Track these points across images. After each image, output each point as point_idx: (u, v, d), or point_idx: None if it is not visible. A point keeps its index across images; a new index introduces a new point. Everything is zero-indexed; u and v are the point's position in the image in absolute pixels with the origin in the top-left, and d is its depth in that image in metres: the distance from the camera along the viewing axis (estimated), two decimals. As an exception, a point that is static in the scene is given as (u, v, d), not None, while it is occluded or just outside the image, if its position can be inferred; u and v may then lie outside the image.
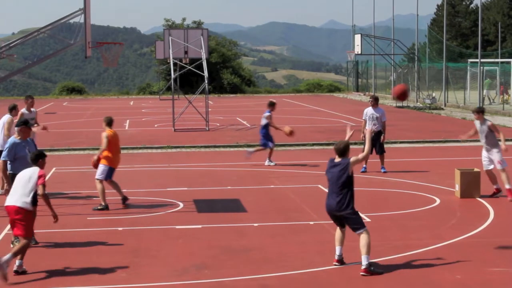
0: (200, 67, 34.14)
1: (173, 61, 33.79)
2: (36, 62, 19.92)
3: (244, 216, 14.52)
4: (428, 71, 53.04)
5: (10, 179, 12.29)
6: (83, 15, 16.37)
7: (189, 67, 35.69)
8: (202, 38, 33.27)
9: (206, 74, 31.97)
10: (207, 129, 31.45)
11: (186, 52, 33.70)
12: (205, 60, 32.64)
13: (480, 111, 16.74)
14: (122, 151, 24.98)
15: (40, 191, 10.87)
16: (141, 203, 15.84)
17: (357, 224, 10.91)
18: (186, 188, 17.63)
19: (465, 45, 78.78)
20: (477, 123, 16.69)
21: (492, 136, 16.49)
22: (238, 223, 13.91)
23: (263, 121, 21.62)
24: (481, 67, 42.50)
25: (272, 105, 22.07)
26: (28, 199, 10.81)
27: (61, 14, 20.24)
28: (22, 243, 10.72)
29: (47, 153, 24.04)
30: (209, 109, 33.51)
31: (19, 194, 10.87)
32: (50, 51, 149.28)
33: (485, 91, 46.05)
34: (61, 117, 39.35)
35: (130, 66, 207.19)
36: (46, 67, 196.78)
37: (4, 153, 12.62)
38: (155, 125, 34.09)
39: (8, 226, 13.75)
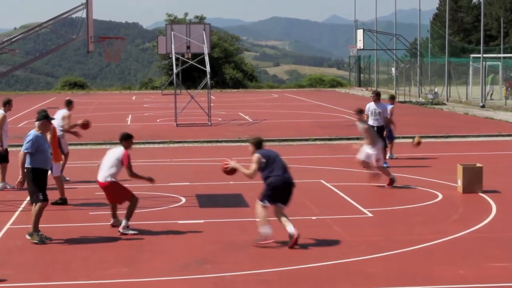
0: (202, 62, 34.12)
1: (175, 56, 33.78)
2: (38, 57, 19.94)
3: (246, 211, 14.51)
4: (430, 66, 52.98)
5: (32, 173, 12.25)
6: (85, 10, 16.38)
7: (191, 62, 35.69)
8: (204, 33, 33.25)
9: (208, 69, 31.95)
10: (209, 124, 31.44)
11: (188, 47, 33.70)
12: (207, 55, 32.62)
13: (359, 111, 17.31)
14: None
15: (128, 174, 12.67)
16: (143, 198, 15.83)
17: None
18: (188, 183, 17.63)
19: (467, 40, 78.68)
20: (358, 123, 17.21)
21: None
22: (240, 218, 13.91)
23: (387, 114, 21.49)
24: (484, 62, 42.45)
25: (392, 98, 22.01)
26: (110, 176, 12.54)
27: (63, 8, 20.21)
28: (129, 205, 12.67)
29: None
30: (211, 104, 33.49)
31: (104, 170, 12.64)
32: (52, 46, 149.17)
33: (488, 86, 46.01)
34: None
35: (132, 61, 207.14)
36: (48, 62, 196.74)
37: (27, 145, 12.25)
38: (157, 120, 34.09)
39: (11, 221, 13.78)
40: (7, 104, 16.93)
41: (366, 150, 17.03)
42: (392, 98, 22.01)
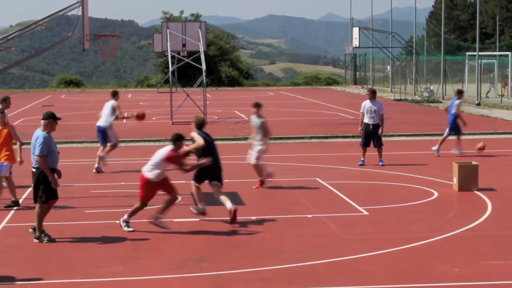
0: (198, 60, 34.10)
1: (171, 54, 33.75)
2: (34, 54, 19.90)
3: (242, 209, 14.50)
4: (426, 64, 53.03)
5: (43, 173, 12.18)
6: (80, 8, 16.35)
7: (187, 60, 35.66)
8: (200, 31, 33.23)
9: (204, 67, 31.93)
10: (205, 122, 31.40)
11: (184, 45, 33.66)
12: (203, 53, 32.60)
13: (257, 105, 16.93)
14: (121, 144, 25.03)
15: (183, 170, 12.92)
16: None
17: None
18: (184, 181, 17.62)
19: (463, 38, 78.73)
20: (253, 117, 16.91)
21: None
22: (236, 216, 13.89)
23: (453, 109, 21.45)
24: (479, 60, 42.50)
25: (460, 93, 21.94)
26: (150, 171, 12.58)
27: (59, 6, 20.17)
28: (136, 206, 12.87)
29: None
30: (207, 102, 33.48)
31: (147, 164, 12.69)
32: (47, 43, 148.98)
33: (488, 84, 46.07)
34: (59, 110, 39.27)
35: (128, 59, 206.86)
36: (43, 60, 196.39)
37: (41, 148, 11.98)
38: (153, 118, 34.06)
39: (7, 218, 13.76)
40: (4, 101, 16.88)
41: (256, 149, 16.70)
42: (459, 93, 22.09)
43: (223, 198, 13.42)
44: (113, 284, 10.01)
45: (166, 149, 12.71)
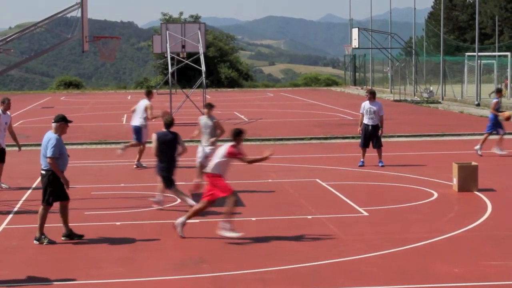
0: (197, 61, 34.10)
1: (170, 55, 33.76)
2: (33, 56, 19.91)
3: (242, 210, 14.51)
4: (425, 64, 53.04)
5: (53, 176, 12.17)
6: (80, 9, 16.34)
7: (187, 61, 35.66)
8: (199, 32, 33.24)
9: (203, 68, 31.94)
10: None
11: (183, 46, 33.67)
12: (202, 54, 32.60)
13: (209, 106, 16.81)
14: (121, 145, 24.99)
15: (249, 162, 12.91)
16: (139, 198, 15.84)
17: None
18: (184, 183, 17.62)
19: (462, 38, 78.81)
20: (203, 118, 16.66)
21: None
22: (236, 217, 13.90)
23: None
24: (478, 61, 42.51)
25: (499, 92, 22.08)
26: (215, 167, 12.51)
27: (58, 8, 20.19)
28: (198, 207, 12.52)
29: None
30: (207, 103, 33.43)
31: (211, 164, 12.68)
32: (47, 45, 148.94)
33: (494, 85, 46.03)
34: (58, 111, 39.22)
35: (128, 60, 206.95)
36: (43, 62, 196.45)
37: (53, 150, 11.96)
38: (153, 120, 33.99)
39: (7, 220, 13.76)
40: (3, 103, 16.89)
41: (205, 150, 16.42)
42: (498, 92, 22.16)
43: (180, 195, 14.41)
44: (114, 285, 10.01)
45: (227, 145, 12.63)
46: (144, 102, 20.41)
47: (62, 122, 12.39)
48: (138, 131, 20.15)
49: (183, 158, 15.43)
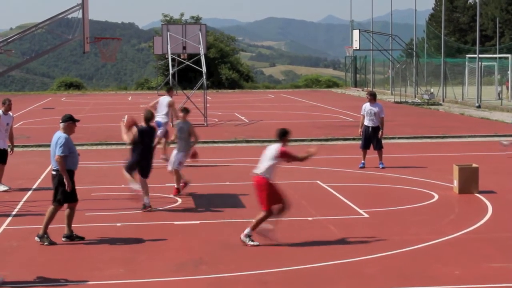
0: (198, 62, 34.10)
1: (171, 56, 33.76)
2: (34, 57, 19.90)
3: (242, 212, 14.52)
4: (426, 66, 53.02)
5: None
6: (81, 10, 16.34)
7: (187, 63, 35.65)
8: (200, 34, 33.25)
9: (204, 69, 31.94)
10: (206, 124, 31.43)
11: (184, 48, 33.68)
12: (203, 56, 32.61)
13: (185, 111, 16.68)
14: (121, 147, 24.99)
15: (300, 159, 12.55)
16: (140, 199, 15.82)
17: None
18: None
19: (463, 40, 78.77)
20: (179, 123, 16.62)
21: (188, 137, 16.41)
22: (236, 219, 13.91)
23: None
24: (479, 63, 42.50)
25: None
26: (266, 170, 12.16)
27: (59, 9, 20.20)
28: (260, 216, 12.07)
29: (46, 149, 23.98)
30: (207, 105, 33.48)
31: (261, 166, 12.26)
32: (48, 46, 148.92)
33: (498, 86, 46.00)
34: (59, 112, 39.25)
35: (128, 61, 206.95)
36: (44, 63, 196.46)
37: (62, 148, 12.05)
38: (154, 121, 33.99)
39: (6, 222, 13.75)
40: (4, 104, 16.91)
41: (175, 155, 16.37)
42: None
43: (143, 192, 14.62)
44: (114, 286, 10.01)
45: (276, 146, 12.36)
46: (166, 99, 20.91)
47: (70, 121, 12.53)
48: (159, 126, 20.25)
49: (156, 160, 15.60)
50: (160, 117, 20.57)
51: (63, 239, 12.28)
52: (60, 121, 12.56)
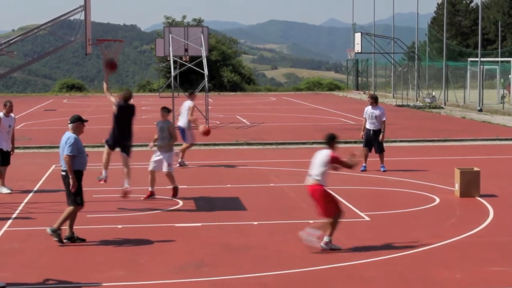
0: (200, 65, 34.12)
1: (173, 58, 33.77)
2: (36, 59, 19.91)
3: (243, 214, 14.52)
4: (428, 69, 53.03)
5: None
6: (83, 12, 16.36)
7: (189, 65, 35.67)
8: (202, 36, 33.26)
9: (206, 72, 31.96)
10: (207, 127, 31.40)
11: (186, 50, 33.69)
12: (205, 58, 32.62)
13: (166, 110, 16.60)
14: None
15: (349, 166, 12.32)
16: (141, 201, 15.84)
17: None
18: (185, 186, 17.62)
19: (465, 44, 78.80)
20: (160, 122, 16.64)
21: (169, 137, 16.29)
22: (237, 221, 13.91)
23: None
24: (481, 66, 42.49)
25: None
26: (320, 177, 12.01)
27: (61, 11, 20.22)
28: (332, 221, 11.79)
29: (47, 150, 24.03)
30: (209, 107, 33.49)
31: (314, 174, 12.11)
32: (50, 48, 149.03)
33: (502, 90, 45.95)
34: (61, 114, 39.31)
35: (130, 63, 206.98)
36: (46, 64, 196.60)
37: (71, 148, 12.16)
38: (155, 123, 34.00)
39: (8, 223, 13.75)
40: (5, 106, 16.94)
41: (157, 157, 16.24)
42: None
43: (125, 171, 15.19)
44: (114, 288, 10.01)
45: (326, 153, 12.12)
46: (187, 103, 21.32)
47: (79, 122, 12.65)
48: (181, 131, 20.95)
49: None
50: (181, 121, 21.16)
51: (65, 240, 12.29)
52: (69, 121, 12.63)
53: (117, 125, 15.70)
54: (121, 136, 15.27)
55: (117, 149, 15.85)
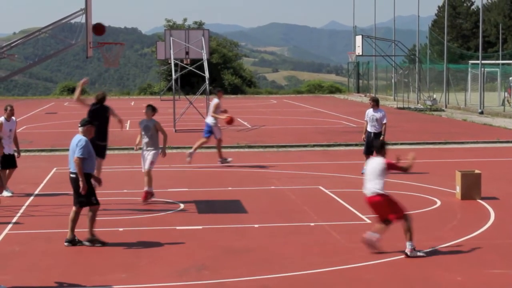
0: (201, 67, 34.15)
1: (174, 61, 33.79)
2: (37, 62, 19.93)
3: (244, 217, 14.52)
4: (429, 72, 53.02)
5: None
6: (84, 15, 16.36)
7: (190, 68, 35.69)
8: (203, 39, 33.28)
9: (207, 74, 31.97)
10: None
11: (187, 53, 33.71)
12: (206, 61, 32.63)
13: (151, 108, 16.41)
14: (123, 152, 25.05)
15: (406, 169, 12.20)
16: (142, 204, 15.84)
17: None
18: (186, 189, 17.63)
19: (466, 46, 78.77)
20: (144, 121, 16.57)
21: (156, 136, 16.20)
22: (238, 224, 13.91)
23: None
24: (482, 69, 42.49)
25: None
26: (379, 187, 11.74)
27: (62, 14, 20.24)
28: (405, 224, 11.64)
29: (48, 154, 24.03)
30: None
31: (373, 185, 11.79)
32: (51, 51, 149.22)
33: (505, 93, 45.92)
34: (62, 117, 39.35)
35: (131, 66, 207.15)
36: (47, 67, 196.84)
37: (82, 151, 12.14)
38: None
39: (8, 227, 13.75)
40: (5, 111, 16.98)
41: (144, 155, 16.26)
42: None
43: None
44: (115, 291, 10.01)
45: (380, 160, 11.98)
46: (214, 101, 22.13)
47: (89, 125, 12.71)
48: (209, 128, 21.86)
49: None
50: (208, 118, 22.07)
51: (66, 244, 12.29)
52: (79, 125, 12.71)
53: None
54: (97, 137, 14.79)
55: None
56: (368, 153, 19.88)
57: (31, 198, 16.63)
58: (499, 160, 22.46)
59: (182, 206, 15.64)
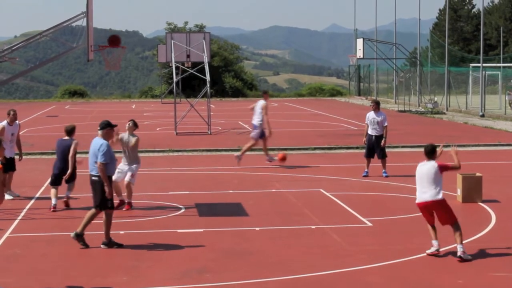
0: (202, 70, 34.15)
1: (175, 64, 33.80)
2: (38, 65, 19.97)
3: (245, 220, 14.51)
4: (430, 75, 53.03)
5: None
6: (85, 18, 16.39)
7: (191, 71, 35.70)
8: (204, 42, 33.29)
9: (208, 77, 31.98)
10: (209, 132, 31.45)
11: (188, 56, 33.71)
12: (207, 64, 32.65)
13: (134, 124, 15.87)
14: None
15: (458, 167, 12.35)
16: (143, 207, 15.84)
17: None
18: (187, 192, 17.64)
19: (467, 49, 78.84)
20: (125, 135, 15.95)
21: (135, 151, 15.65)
22: (239, 227, 13.91)
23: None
24: (483, 72, 42.50)
25: None
26: (439, 192, 11.88)
27: (63, 17, 20.27)
28: (455, 230, 11.76)
29: (49, 157, 24.03)
30: (211, 113, 33.51)
31: (431, 190, 11.87)
32: (52, 54, 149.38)
33: (507, 96, 45.90)
34: (63, 120, 39.33)
35: (132, 69, 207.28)
36: (48, 70, 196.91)
37: (105, 156, 12.24)
38: (157, 129, 34.09)
39: (10, 229, 13.75)
40: (8, 115, 17.04)
41: (124, 168, 15.58)
42: None
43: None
44: (117, 294, 10.01)
45: (432, 165, 12.05)
46: (261, 102, 22.16)
47: (108, 127, 12.75)
48: (255, 129, 22.20)
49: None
50: (255, 120, 22.11)
51: (72, 235, 12.34)
52: (99, 128, 12.80)
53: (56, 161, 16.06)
54: (57, 167, 15.65)
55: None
56: (369, 156, 19.91)
57: (32, 201, 16.63)
58: (500, 163, 22.45)
59: (183, 209, 15.63)
